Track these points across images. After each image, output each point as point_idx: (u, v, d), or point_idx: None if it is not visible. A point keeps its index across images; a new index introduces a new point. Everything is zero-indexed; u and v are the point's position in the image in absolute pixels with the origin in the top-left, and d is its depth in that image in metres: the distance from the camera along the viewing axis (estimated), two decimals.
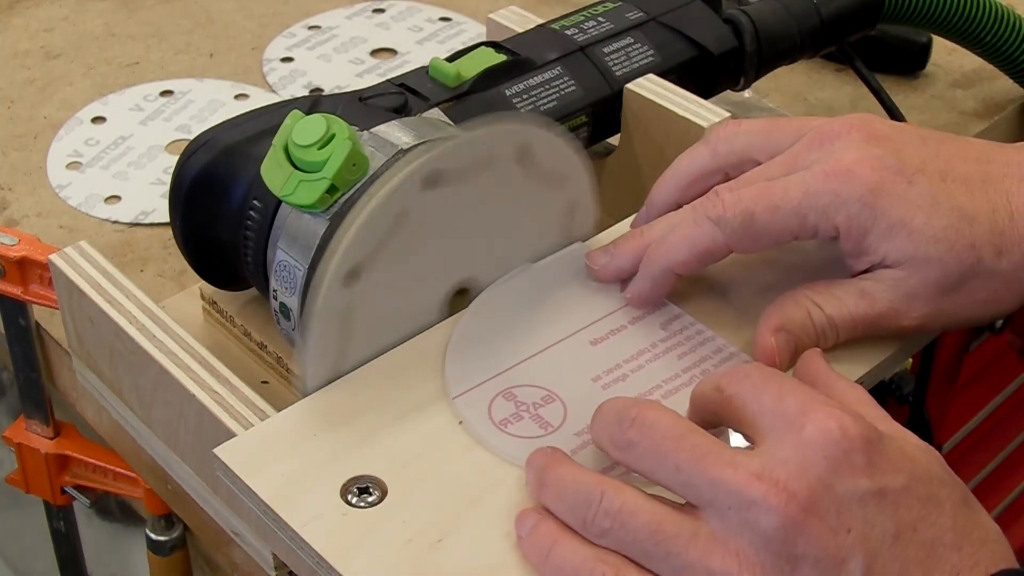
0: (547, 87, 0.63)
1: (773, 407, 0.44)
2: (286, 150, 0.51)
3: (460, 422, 0.49)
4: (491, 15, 0.74)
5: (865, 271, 0.53)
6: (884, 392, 0.81)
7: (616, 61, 0.66)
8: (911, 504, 0.43)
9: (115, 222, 0.73)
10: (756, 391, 0.45)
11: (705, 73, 0.69)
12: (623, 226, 0.59)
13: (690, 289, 0.55)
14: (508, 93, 0.62)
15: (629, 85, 0.65)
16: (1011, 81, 0.84)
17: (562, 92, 0.63)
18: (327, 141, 0.50)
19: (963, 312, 0.52)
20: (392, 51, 0.90)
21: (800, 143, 0.54)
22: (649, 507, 0.43)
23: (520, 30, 0.70)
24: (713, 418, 0.46)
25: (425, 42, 0.91)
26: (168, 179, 0.57)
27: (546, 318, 0.54)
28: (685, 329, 0.54)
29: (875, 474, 0.43)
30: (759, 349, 0.51)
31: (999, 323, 0.85)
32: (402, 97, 0.59)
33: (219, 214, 0.55)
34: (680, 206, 0.56)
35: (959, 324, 0.54)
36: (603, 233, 0.59)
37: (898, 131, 0.54)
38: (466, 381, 0.51)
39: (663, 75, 0.66)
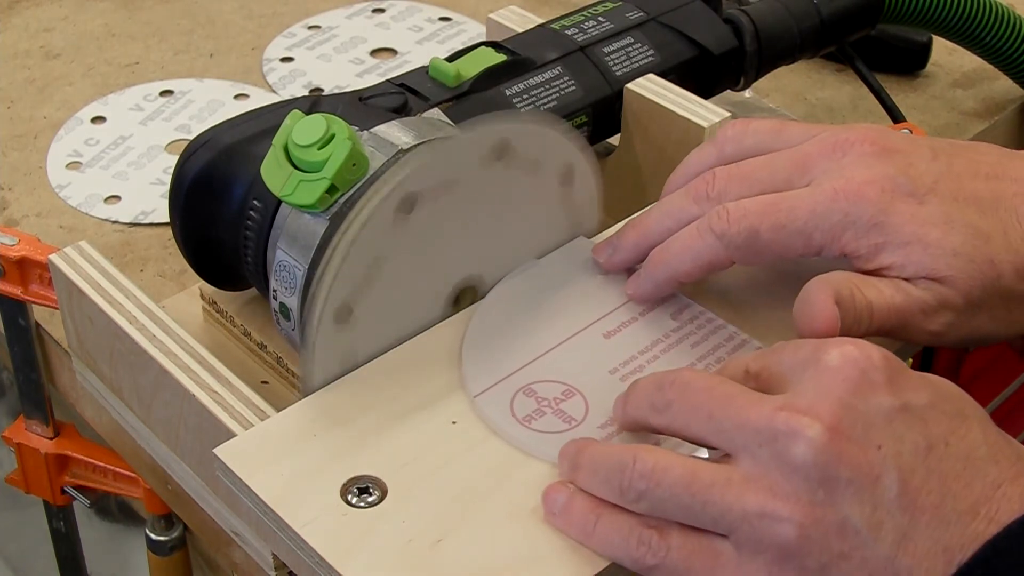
0: (547, 87, 0.63)
1: (791, 359, 0.45)
2: (286, 150, 0.51)
3: (454, 422, 0.50)
4: (491, 15, 0.74)
5: None
6: None
7: (616, 61, 0.66)
8: (939, 419, 0.43)
9: (115, 222, 0.73)
10: (777, 355, 0.46)
11: (705, 73, 0.69)
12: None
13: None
14: (508, 93, 0.61)
15: (629, 85, 0.65)
16: (1011, 81, 0.84)
17: (562, 92, 0.63)
18: (327, 141, 0.50)
19: (984, 327, 0.52)
20: (392, 51, 0.90)
21: (812, 143, 0.53)
22: (681, 461, 0.44)
23: (520, 30, 0.70)
24: None
25: (425, 42, 0.91)
26: (168, 179, 0.57)
27: (557, 313, 0.54)
28: (696, 318, 0.54)
29: (897, 391, 0.43)
30: (821, 316, 0.49)
31: None
32: (402, 97, 0.59)
33: (219, 214, 0.55)
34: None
35: (977, 340, 0.53)
36: (604, 232, 0.59)
37: (910, 144, 0.53)
38: (485, 379, 0.51)
39: (663, 75, 0.66)
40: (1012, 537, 0.41)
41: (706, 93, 0.68)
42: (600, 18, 0.67)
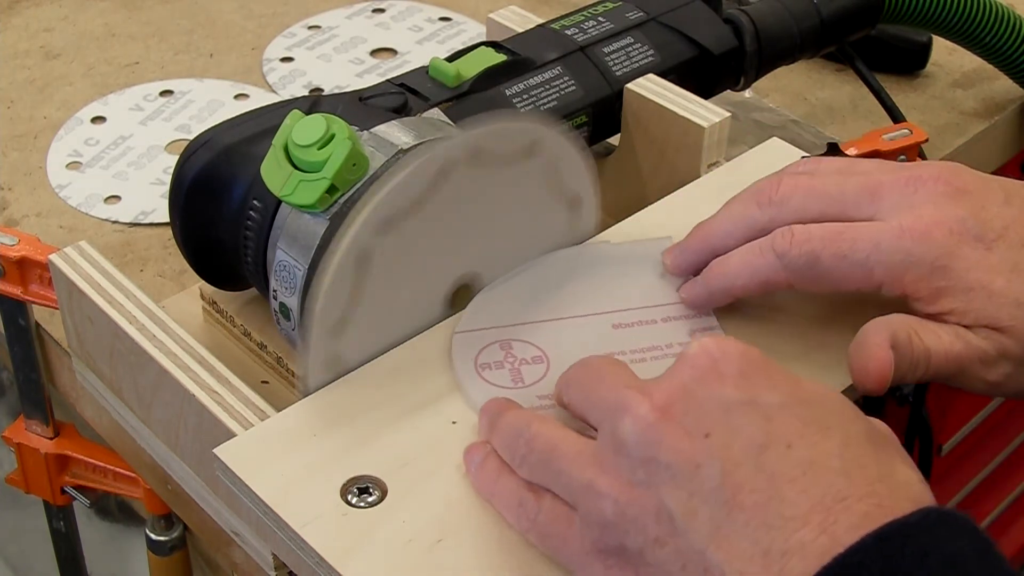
0: (547, 87, 0.63)
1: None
2: (286, 150, 0.51)
3: (454, 422, 0.50)
4: (491, 15, 0.74)
5: None
6: (884, 393, 0.81)
7: (616, 61, 0.66)
8: (787, 421, 0.42)
9: (115, 222, 0.74)
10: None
11: (705, 73, 0.69)
12: (623, 226, 0.59)
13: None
14: (508, 93, 0.61)
15: (629, 85, 0.65)
16: (1011, 81, 0.84)
17: (562, 92, 0.63)
18: (327, 141, 0.50)
19: None
20: (392, 51, 0.90)
21: (885, 173, 0.52)
22: (554, 433, 0.45)
23: (520, 30, 0.70)
24: None
25: (425, 42, 0.91)
26: (168, 179, 0.57)
27: (586, 292, 0.55)
28: None
29: (746, 386, 0.43)
30: (875, 360, 0.48)
31: None
32: (402, 97, 0.59)
33: (219, 214, 0.55)
34: None
35: None
36: (604, 233, 0.59)
37: (983, 186, 0.52)
38: (476, 322, 0.53)
39: (663, 75, 0.66)
40: (864, 551, 0.38)
41: (706, 93, 0.68)
42: (600, 18, 0.67)
